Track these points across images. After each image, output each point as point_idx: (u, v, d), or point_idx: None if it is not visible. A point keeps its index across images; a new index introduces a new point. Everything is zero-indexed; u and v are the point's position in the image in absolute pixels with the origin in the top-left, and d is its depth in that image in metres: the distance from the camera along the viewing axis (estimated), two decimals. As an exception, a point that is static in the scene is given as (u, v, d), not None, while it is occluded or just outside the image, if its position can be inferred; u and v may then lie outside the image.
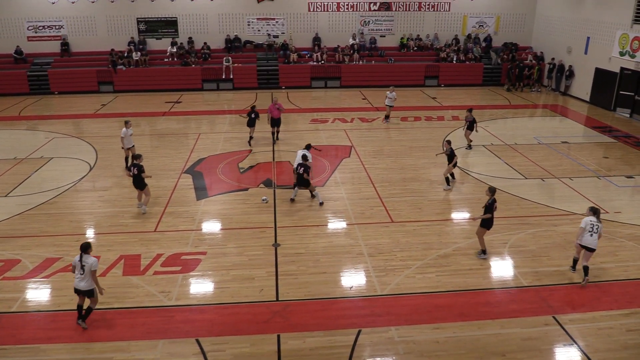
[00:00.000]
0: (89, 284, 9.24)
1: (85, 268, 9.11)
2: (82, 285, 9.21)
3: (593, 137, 21.45)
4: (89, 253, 9.21)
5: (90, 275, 9.17)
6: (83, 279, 9.18)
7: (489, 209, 11.49)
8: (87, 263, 9.12)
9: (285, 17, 31.18)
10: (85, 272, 9.13)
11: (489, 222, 11.65)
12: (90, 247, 9.30)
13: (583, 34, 27.33)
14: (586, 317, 9.86)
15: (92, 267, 9.15)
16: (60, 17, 29.83)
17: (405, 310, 10.05)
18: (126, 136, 16.82)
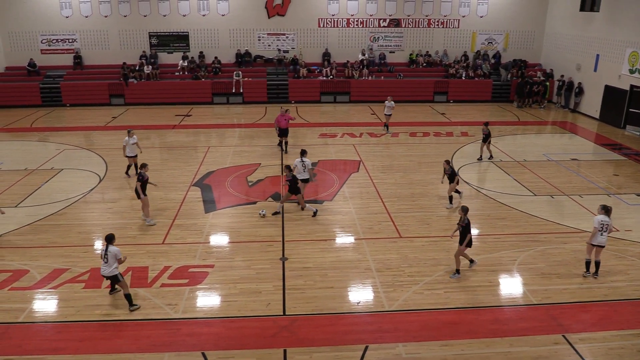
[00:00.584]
0: (111, 271, 10.21)
1: (109, 256, 10.12)
2: (106, 272, 10.24)
3: (603, 154, 21.33)
4: (112, 243, 10.23)
5: (113, 262, 10.19)
6: (107, 266, 10.19)
7: (467, 229, 11.33)
8: (111, 252, 10.14)
9: (295, 33, 31.45)
10: (109, 260, 10.13)
11: (469, 241, 11.49)
12: (114, 238, 10.30)
13: (592, 51, 27.32)
14: (597, 336, 9.72)
15: (117, 256, 10.20)
16: (74, 31, 30.27)
17: (413, 326, 9.96)
18: (128, 145, 17.15)
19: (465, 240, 11.43)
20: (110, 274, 10.24)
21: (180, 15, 30.55)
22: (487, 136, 19.38)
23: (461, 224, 11.40)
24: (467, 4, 31.58)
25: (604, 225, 11.36)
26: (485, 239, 13.56)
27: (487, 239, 13.55)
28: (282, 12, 30.94)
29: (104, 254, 10.15)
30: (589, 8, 27.76)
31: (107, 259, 10.12)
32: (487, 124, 19.63)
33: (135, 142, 17.41)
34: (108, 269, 10.18)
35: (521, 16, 31.93)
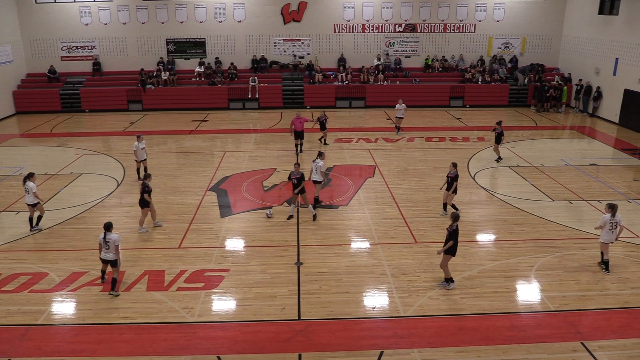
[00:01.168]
0: (113, 255, 11.06)
1: (110, 243, 10.92)
2: (109, 256, 11.07)
3: (623, 159, 21.02)
4: (111, 231, 11.00)
5: (114, 249, 10.98)
6: (108, 252, 11.01)
7: (453, 235, 10.99)
8: (111, 239, 10.92)
9: (311, 38, 31.58)
10: (110, 246, 10.95)
11: (453, 249, 11.13)
12: (112, 226, 11.09)
13: (611, 55, 27.00)
14: (616, 344, 9.56)
15: (116, 243, 10.98)
16: (93, 38, 30.75)
17: (428, 332, 9.89)
18: (138, 149, 17.50)
19: (446, 246, 11.03)
20: (111, 258, 11.09)
21: (197, 22, 30.87)
22: (499, 135, 19.55)
23: (449, 230, 11.03)
24: (484, 9, 31.43)
25: (612, 223, 11.73)
26: (502, 245, 13.44)
27: (504, 245, 13.42)
28: (298, 18, 31.11)
29: (104, 241, 10.93)
30: (608, 11, 27.46)
31: (109, 246, 10.95)
32: (500, 123, 19.88)
33: (144, 147, 17.80)
34: (110, 254, 11.04)
35: (538, 20, 31.69)
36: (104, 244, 10.94)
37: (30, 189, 13.86)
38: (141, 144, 17.63)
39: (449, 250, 11.08)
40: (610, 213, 11.74)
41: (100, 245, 11.04)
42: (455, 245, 11.06)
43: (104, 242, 10.93)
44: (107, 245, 10.93)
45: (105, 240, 10.92)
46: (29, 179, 13.96)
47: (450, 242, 10.96)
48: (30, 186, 13.86)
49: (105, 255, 11.06)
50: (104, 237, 10.94)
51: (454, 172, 14.76)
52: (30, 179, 13.99)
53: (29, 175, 14.07)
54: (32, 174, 14.23)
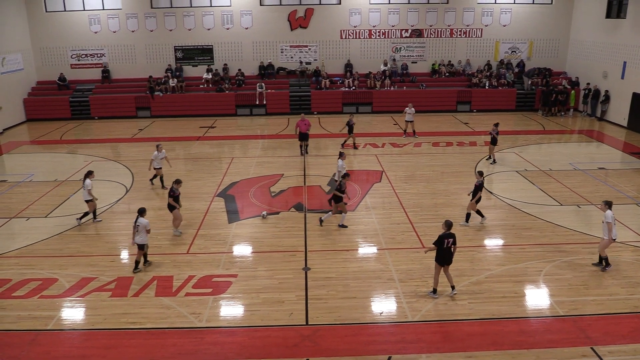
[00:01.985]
0: (142, 239, 12.04)
1: (139, 227, 11.92)
2: (138, 240, 12.05)
3: (632, 163, 20.89)
4: (143, 216, 12.02)
5: (143, 232, 12.00)
6: (138, 235, 12.01)
7: (438, 241, 10.89)
8: (141, 223, 11.94)
9: (317, 45, 31.70)
10: (139, 230, 11.94)
11: (442, 258, 10.96)
12: (144, 211, 12.17)
13: (619, 58, 26.89)
14: (627, 349, 9.49)
15: (146, 227, 11.99)
16: (102, 46, 31.04)
17: (436, 337, 9.87)
18: (156, 159, 17.58)
19: (439, 255, 10.91)
20: (141, 242, 12.07)
21: (205, 29, 31.08)
22: (494, 138, 20.10)
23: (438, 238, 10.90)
24: (490, 13, 31.43)
25: (614, 220, 12.09)
26: (510, 249, 13.40)
27: (512, 249, 13.38)
28: (305, 24, 31.24)
29: (135, 224, 11.98)
30: (615, 15, 27.37)
31: (138, 230, 11.95)
32: (497, 124, 20.40)
33: (164, 156, 17.80)
34: (139, 238, 12.02)
35: (545, 24, 31.63)
36: (135, 227, 11.98)
37: (85, 186, 14.66)
38: (160, 154, 17.61)
39: (437, 258, 10.99)
40: (609, 209, 12.10)
41: (133, 230, 12.10)
42: (443, 254, 10.89)
43: (135, 225, 11.97)
44: (137, 229, 11.94)
45: (135, 224, 11.95)
46: (88, 176, 14.78)
47: (432, 246, 11.03)
48: (86, 184, 14.66)
49: (136, 239, 12.05)
50: (136, 221, 11.97)
51: (479, 181, 14.54)
52: (89, 177, 14.79)
53: (88, 173, 14.92)
54: (91, 172, 15.10)
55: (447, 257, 11.00)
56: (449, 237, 10.90)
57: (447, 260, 11.04)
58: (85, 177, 14.87)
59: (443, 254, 10.93)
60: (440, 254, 10.94)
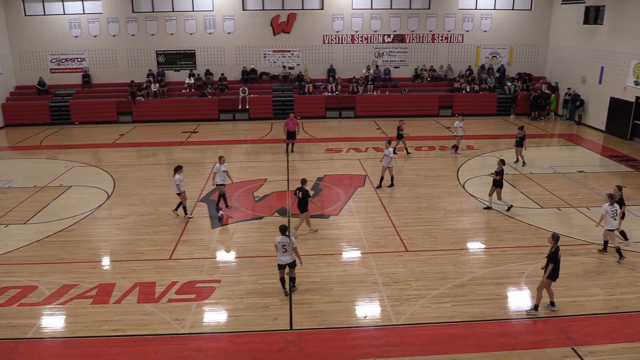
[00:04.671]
0: (290, 258, 11.26)
1: (287, 246, 11.12)
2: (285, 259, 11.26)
3: (610, 166, 21.27)
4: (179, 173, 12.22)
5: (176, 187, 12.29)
6: (286, 255, 11.22)
7: (552, 258, 10.47)
8: (289, 242, 11.14)
9: (300, 49, 31.76)
10: (288, 249, 11.15)
11: (554, 273, 10.56)
12: (287, 228, 11.36)
13: (597, 63, 27.40)
14: (606, 349, 9.64)
15: (293, 245, 11.15)
16: (83, 50, 30.74)
17: (420, 340, 9.91)
18: (218, 172, 16.10)
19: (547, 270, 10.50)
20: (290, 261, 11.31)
21: (187, 33, 30.96)
22: (521, 139, 20.29)
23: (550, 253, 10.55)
24: (471, 19, 31.82)
25: (614, 211, 12.75)
26: (492, 252, 13.53)
27: (495, 252, 13.51)
28: (288, 29, 31.29)
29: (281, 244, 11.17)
30: (593, 21, 27.89)
31: (286, 249, 11.15)
32: (522, 127, 20.81)
33: (226, 169, 16.21)
34: (288, 257, 11.22)
35: (525, 30, 32.12)
36: (281, 247, 11.20)
37: (175, 181, 15.09)
38: (222, 167, 16.09)
39: (550, 274, 10.50)
40: (609, 202, 12.77)
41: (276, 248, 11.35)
42: (556, 269, 10.51)
43: (281, 244, 11.19)
44: (284, 249, 11.16)
45: (282, 243, 11.15)
46: (177, 171, 15.16)
47: (551, 266, 10.44)
48: (175, 178, 15.06)
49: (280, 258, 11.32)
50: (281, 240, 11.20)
51: (619, 196, 13.90)
52: (178, 172, 15.13)
53: (177, 168, 15.26)
54: (180, 166, 15.42)
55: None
56: (558, 251, 10.54)
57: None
58: (175, 171, 15.17)
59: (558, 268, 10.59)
60: (557, 270, 10.56)
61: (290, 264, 11.33)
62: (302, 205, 14.18)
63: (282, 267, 11.32)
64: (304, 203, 14.16)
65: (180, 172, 15.31)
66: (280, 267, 11.33)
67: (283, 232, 11.18)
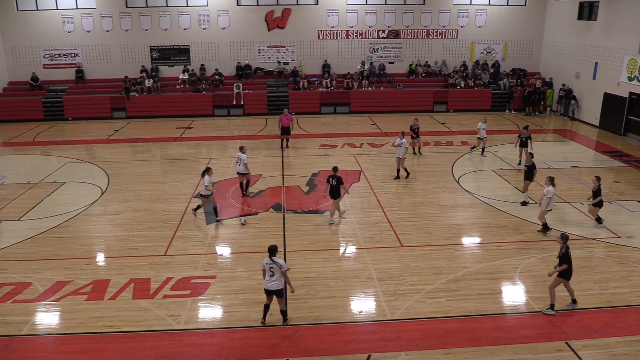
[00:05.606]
0: (278, 284, 9.89)
1: (275, 270, 9.80)
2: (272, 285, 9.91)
3: (603, 161, 21.37)
4: (275, 255, 9.90)
5: (281, 275, 9.87)
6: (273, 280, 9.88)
7: (565, 258, 10.41)
8: (277, 265, 9.80)
9: (295, 45, 31.69)
10: (276, 273, 9.81)
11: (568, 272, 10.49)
12: (277, 249, 9.99)
13: (591, 59, 27.48)
14: (600, 343, 9.71)
15: (283, 269, 9.82)
16: (76, 46, 30.55)
17: (415, 335, 9.95)
18: (242, 162, 16.77)
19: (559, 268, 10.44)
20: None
21: (181, 29, 30.82)
22: (526, 139, 19.91)
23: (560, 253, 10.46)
24: (466, 15, 31.83)
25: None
26: (486, 247, 13.58)
27: (489, 247, 13.57)
28: (282, 24, 31.21)
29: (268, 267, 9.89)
30: (587, 16, 27.96)
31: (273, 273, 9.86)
32: (527, 127, 20.45)
33: (246, 161, 16.85)
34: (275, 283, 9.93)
35: (519, 26, 32.17)
36: (268, 270, 9.88)
37: (203, 182, 14.86)
38: (244, 155, 16.78)
39: (562, 273, 10.45)
40: (551, 184, 13.76)
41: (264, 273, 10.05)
42: (570, 268, 10.45)
43: (268, 268, 9.86)
44: (272, 272, 9.83)
45: (269, 266, 9.84)
46: (206, 173, 14.92)
47: (564, 266, 10.36)
48: (205, 179, 14.81)
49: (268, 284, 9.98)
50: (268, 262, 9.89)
51: (596, 186, 14.54)
52: (207, 174, 14.91)
53: (206, 170, 15.02)
54: (209, 168, 15.17)
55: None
56: (569, 250, 10.49)
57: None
58: (204, 173, 14.95)
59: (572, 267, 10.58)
60: (570, 269, 10.51)
61: (277, 292, 9.91)
62: (335, 192, 14.90)
63: (269, 293, 10.01)
64: (337, 190, 14.87)
65: (210, 173, 15.04)
66: (267, 293, 10.03)
67: (272, 254, 9.84)
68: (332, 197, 14.96)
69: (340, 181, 14.86)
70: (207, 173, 14.95)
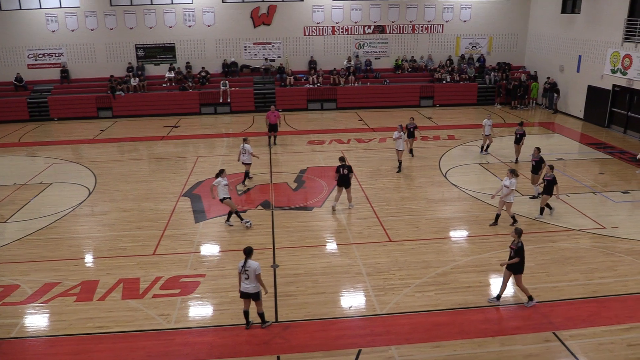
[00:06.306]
0: (254, 287, 9.73)
1: (250, 272, 9.63)
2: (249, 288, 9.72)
3: (588, 153, 21.62)
4: (251, 257, 9.77)
5: (255, 277, 9.69)
6: (249, 282, 9.70)
7: (519, 252, 10.46)
8: (251, 267, 9.64)
9: (281, 42, 31.63)
10: (251, 275, 9.64)
11: (520, 266, 10.57)
12: (252, 251, 9.84)
13: (575, 52, 27.74)
14: (587, 332, 9.86)
15: (257, 271, 9.65)
16: (60, 45, 30.25)
17: (405, 329, 10.04)
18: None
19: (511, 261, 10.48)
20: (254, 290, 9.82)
21: (167, 27, 30.63)
22: (521, 136, 19.62)
23: (512, 247, 10.52)
24: (451, 9, 31.96)
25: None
26: (474, 240, 13.71)
27: (476, 240, 13.69)
28: (268, 21, 31.13)
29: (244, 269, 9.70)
30: (570, 10, 28.21)
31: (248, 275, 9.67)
32: (522, 124, 20.19)
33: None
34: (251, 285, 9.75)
35: (504, 20, 32.37)
36: (243, 272, 9.69)
37: (217, 183, 14.39)
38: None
39: (516, 268, 10.51)
40: (514, 177, 13.83)
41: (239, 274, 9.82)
42: (521, 263, 10.47)
43: (243, 270, 9.68)
44: (247, 274, 9.65)
45: (244, 268, 9.66)
46: (220, 175, 14.47)
47: (516, 259, 10.41)
48: (217, 181, 14.38)
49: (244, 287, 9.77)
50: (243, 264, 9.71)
51: (550, 175, 14.63)
52: (220, 175, 14.47)
53: (220, 172, 14.56)
54: (222, 170, 14.68)
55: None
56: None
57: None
58: (217, 176, 14.51)
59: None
60: (522, 264, 10.56)
61: (253, 295, 9.76)
62: (346, 181, 15.49)
63: (246, 296, 9.82)
64: (347, 178, 15.48)
65: (224, 175, 14.47)
66: (243, 296, 9.84)
67: (248, 256, 9.69)
68: (345, 186, 15.56)
69: (350, 169, 15.52)
70: (220, 175, 14.41)
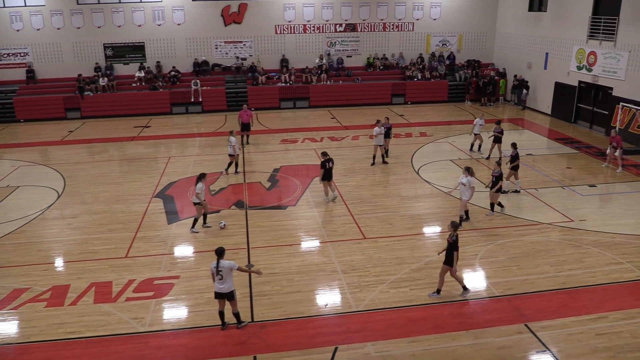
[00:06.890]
0: (228, 287, 9.72)
1: (224, 272, 9.61)
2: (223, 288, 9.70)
3: (556, 148, 22.11)
4: (223, 257, 9.75)
5: (230, 277, 9.71)
6: (223, 282, 9.67)
7: (454, 245, 10.75)
8: (225, 267, 9.62)
9: (252, 40, 31.47)
10: (225, 275, 9.62)
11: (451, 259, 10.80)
12: (224, 252, 9.84)
13: (542, 49, 28.32)
14: (557, 323, 10.10)
15: (233, 267, 9.70)
16: (26, 44, 29.49)
17: (380, 325, 10.12)
18: (235, 145, 18.56)
19: (443, 252, 10.95)
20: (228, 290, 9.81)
21: (136, 25, 30.15)
22: (500, 135, 19.57)
23: (449, 240, 10.78)
24: (421, 7, 32.27)
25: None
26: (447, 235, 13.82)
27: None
28: (239, 19, 30.93)
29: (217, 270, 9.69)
30: (537, 8, 28.78)
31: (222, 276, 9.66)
32: (500, 122, 20.33)
33: (234, 143, 18.52)
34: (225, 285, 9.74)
35: (473, 18, 32.84)
36: (217, 274, 9.68)
37: (196, 189, 14.06)
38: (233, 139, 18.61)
39: (449, 261, 10.72)
40: (469, 174, 13.86)
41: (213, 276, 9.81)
42: (455, 255, 10.65)
43: (217, 271, 9.66)
44: (220, 275, 9.63)
45: (218, 269, 9.64)
46: (200, 180, 14.13)
47: (456, 253, 10.63)
48: (197, 187, 14.02)
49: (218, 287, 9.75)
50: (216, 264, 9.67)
51: (498, 171, 14.74)
52: (201, 180, 14.15)
53: (201, 177, 14.23)
54: (204, 174, 14.39)
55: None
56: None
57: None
58: (198, 180, 14.12)
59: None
60: (456, 257, 10.72)
61: (228, 295, 9.73)
62: (330, 175, 16.02)
63: (220, 297, 9.80)
64: (330, 172, 16.03)
65: (204, 180, 14.26)
66: (218, 296, 9.82)
67: (220, 256, 9.69)
68: (327, 180, 16.03)
69: (333, 162, 16.20)
70: (201, 180, 14.10)
